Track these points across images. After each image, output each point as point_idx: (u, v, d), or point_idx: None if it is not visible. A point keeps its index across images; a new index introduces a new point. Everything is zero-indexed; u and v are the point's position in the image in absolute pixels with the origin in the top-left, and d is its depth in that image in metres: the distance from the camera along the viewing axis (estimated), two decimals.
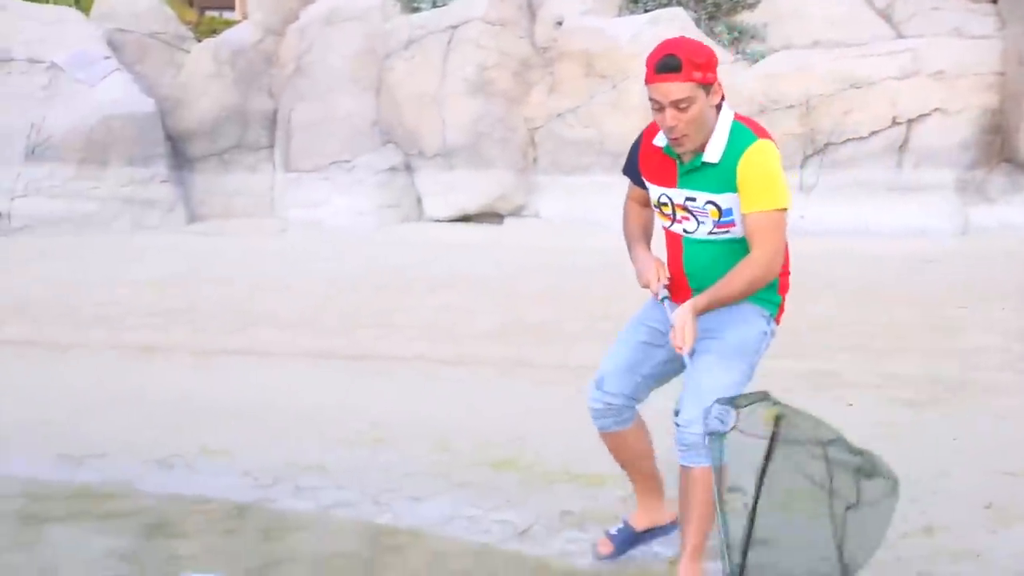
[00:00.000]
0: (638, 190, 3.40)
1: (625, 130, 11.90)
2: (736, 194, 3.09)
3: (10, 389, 6.29)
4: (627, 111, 11.69)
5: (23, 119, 13.70)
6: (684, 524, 3.25)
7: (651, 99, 3.08)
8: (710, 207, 3.14)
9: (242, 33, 14.92)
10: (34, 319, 8.20)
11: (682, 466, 3.21)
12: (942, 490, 4.16)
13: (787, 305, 3.46)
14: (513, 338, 6.83)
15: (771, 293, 3.28)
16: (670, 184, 3.20)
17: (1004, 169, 10.76)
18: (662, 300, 3.27)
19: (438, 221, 12.62)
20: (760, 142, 3.08)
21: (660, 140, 3.20)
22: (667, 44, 3.05)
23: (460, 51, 12.74)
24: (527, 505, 4.10)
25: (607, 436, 3.45)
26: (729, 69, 11.62)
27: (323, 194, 13.42)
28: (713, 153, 3.09)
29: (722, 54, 11.92)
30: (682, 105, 3.00)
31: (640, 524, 3.54)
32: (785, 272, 3.34)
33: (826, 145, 10.96)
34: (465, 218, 12.52)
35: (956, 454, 4.61)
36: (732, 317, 3.20)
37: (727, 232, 3.17)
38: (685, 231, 3.22)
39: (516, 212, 11.93)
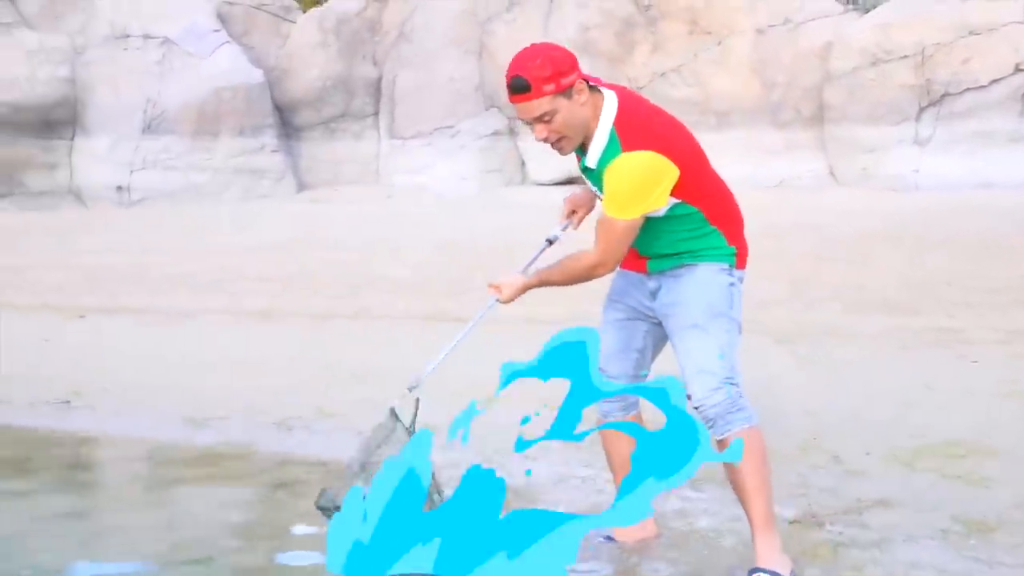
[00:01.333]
0: None
1: (731, 88, 11.69)
2: None
3: (135, 354, 6.51)
4: (733, 68, 11.47)
5: (139, 94, 14.07)
6: (742, 498, 3.13)
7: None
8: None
9: (346, 2, 15.05)
10: (155, 287, 8.45)
11: (718, 442, 3.11)
12: None
13: (900, 261, 3.34)
14: None
15: (722, 246, 3.15)
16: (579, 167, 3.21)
17: None
18: (547, 240, 3.35)
19: (541, 185, 12.60)
20: (624, 156, 2.98)
21: None
22: (515, 62, 3.01)
23: (561, 12, 12.64)
24: None
25: (608, 429, 3.40)
26: (839, 20, 11.30)
27: (427, 160, 13.51)
28: (592, 159, 3.06)
29: (832, 5, 11.58)
30: (545, 119, 2.98)
31: (626, 539, 3.43)
32: (730, 221, 3.19)
33: (943, 96, 10.58)
34: (569, 181, 12.46)
35: None
36: (690, 284, 3.13)
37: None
38: None
39: None
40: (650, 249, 3.17)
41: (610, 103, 3.05)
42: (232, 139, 14.07)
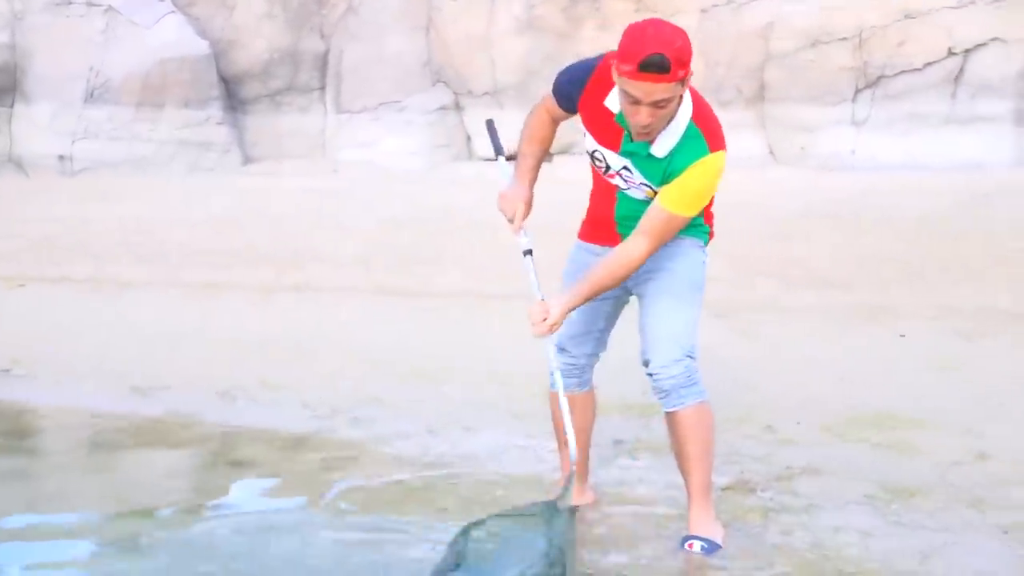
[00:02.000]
0: (560, 110, 3.19)
1: None
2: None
3: (78, 325, 6.43)
4: None
5: (82, 63, 13.77)
6: (685, 471, 3.16)
7: (626, 92, 2.81)
8: (645, 188, 3.03)
9: None
10: (98, 258, 8.33)
11: (667, 413, 3.14)
12: (997, 419, 4.12)
13: (836, 239, 3.40)
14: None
15: (700, 224, 3.17)
16: (612, 148, 3.03)
17: None
18: (525, 254, 3.19)
19: (488, 160, 12.57)
20: (711, 156, 2.92)
21: (613, 104, 2.97)
22: (650, 39, 2.75)
23: None
24: None
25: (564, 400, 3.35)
26: (781, 1, 11.39)
27: (374, 134, 13.42)
28: (661, 148, 2.93)
29: None
30: (662, 104, 2.79)
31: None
32: (710, 203, 3.18)
33: (879, 78, 10.72)
34: (514, 156, 12.46)
35: (1011, 384, 4.55)
36: (675, 254, 3.11)
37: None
38: (619, 186, 3.10)
39: (566, 150, 11.80)
40: None
41: (687, 95, 2.93)
42: (177, 110, 13.82)
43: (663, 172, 2.95)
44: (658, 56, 2.71)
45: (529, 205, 3.28)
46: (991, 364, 4.86)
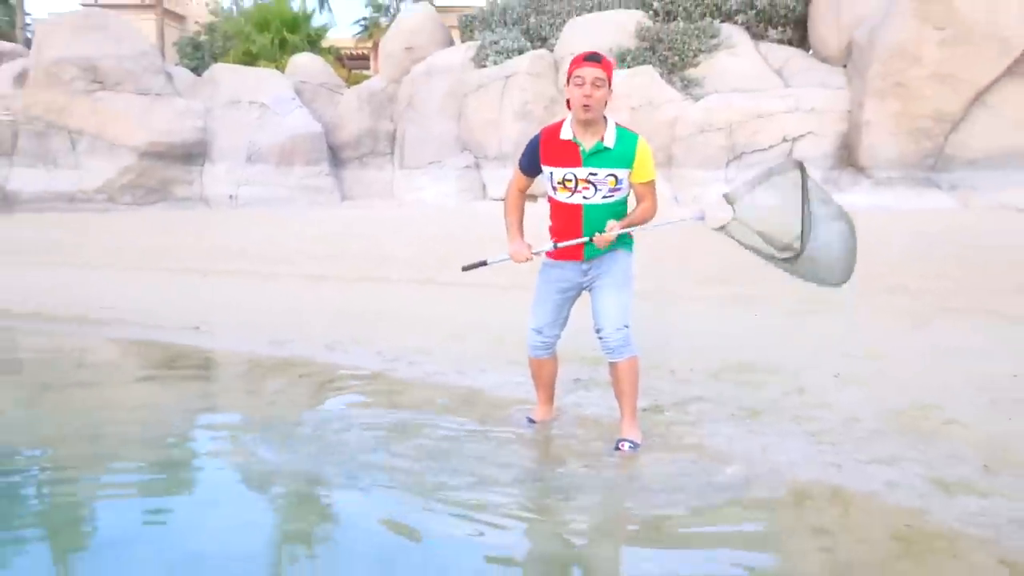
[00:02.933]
0: (526, 180, 3.13)
1: None
2: (629, 169, 2.99)
3: (239, 300, 6.39)
4: None
5: (244, 139, 13.85)
6: (620, 399, 3.13)
7: (577, 76, 2.92)
8: (610, 178, 2.99)
9: (375, 82, 14.83)
10: (250, 259, 8.28)
11: (611, 363, 3.11)
12: (809, 366, 4.09)
13: (720, 250, 3.36)
14: None
15: (629, 240, 3.14)
16: (575, 164, 2.98)
17: (849, 171, 10.51)
18: (555, 247, 3.11)
19: (496, 200, 12.54)
20: (643, 139, 3.04)
21: (567, 133, 2.99)
22: (589, 51, 2.99)
23: (510, 93, 12.54)
24: None
25: (539, 362, 3.31)
26: (681, 105, 11.33)
27: (424, 183, 13.38)
28: (610, 141, 2.96)
29: (677, 95, 11.61)
30: (598, 83, 2.90)
31: (541, 419, 3.42)
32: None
33: (741, 154, 10.70)
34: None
35: (819, 345, 4.52)
36: (615, 260, 3.08)
37: (613, 196, 3.02)
38: (584, 198, 3.01)
39: (544, 195, 11.76)
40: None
41: (609, 114, 3.07)
42: (301, 167, 13.87)
43: (619, 154, 2.98)
44: (595, 54, 2.95)
45: (529, 247, 3.12)
46: (809, 333, 4.83)
